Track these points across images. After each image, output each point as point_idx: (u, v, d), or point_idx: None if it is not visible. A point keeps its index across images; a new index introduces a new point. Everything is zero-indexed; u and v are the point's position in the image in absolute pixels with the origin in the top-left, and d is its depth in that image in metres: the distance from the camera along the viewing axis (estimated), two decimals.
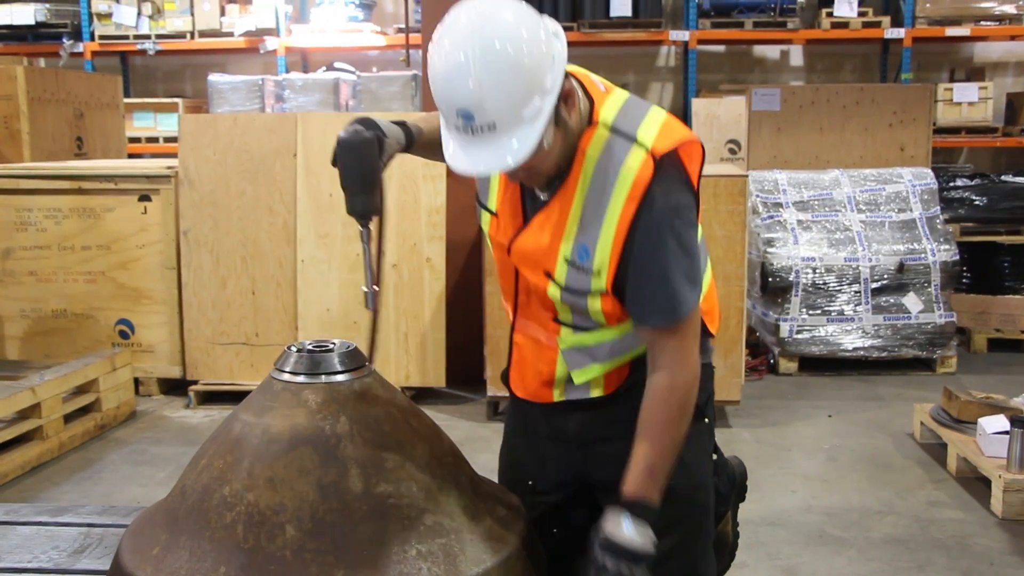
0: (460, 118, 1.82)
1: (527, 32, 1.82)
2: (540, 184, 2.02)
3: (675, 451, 2.00)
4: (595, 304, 2.04)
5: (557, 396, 2.23)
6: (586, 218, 1.97)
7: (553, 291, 2.07)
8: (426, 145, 2.15)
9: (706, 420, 2.25)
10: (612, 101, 2.02)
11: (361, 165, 2.01)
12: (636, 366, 2.13)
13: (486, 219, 2.19)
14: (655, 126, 1.98)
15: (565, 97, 1.89)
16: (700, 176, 2.04)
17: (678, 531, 2.17)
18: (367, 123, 2.03)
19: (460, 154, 1.88)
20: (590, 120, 1.99)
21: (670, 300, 1.96)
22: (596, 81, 2.08)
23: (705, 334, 2.21)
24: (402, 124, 2.10)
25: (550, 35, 1.87)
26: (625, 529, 1.91)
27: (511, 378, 2.34)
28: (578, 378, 2.17)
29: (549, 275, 2.06)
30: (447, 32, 1.84)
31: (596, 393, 2.19)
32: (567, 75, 1.92)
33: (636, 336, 2.08)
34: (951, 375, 6.27)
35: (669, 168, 1.94)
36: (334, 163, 2.02)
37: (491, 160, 1.84)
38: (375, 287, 2.08)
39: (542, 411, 2.30)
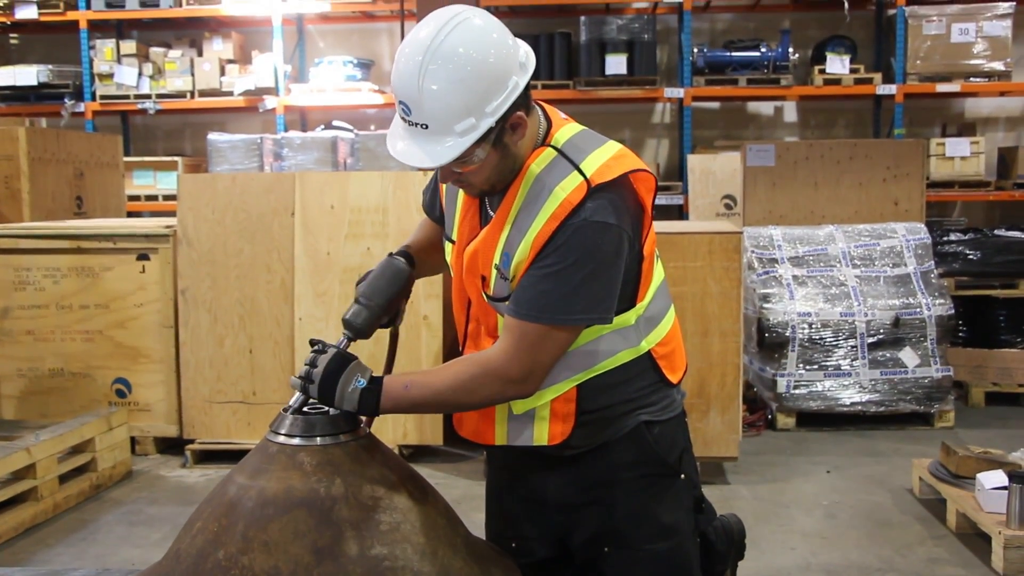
0: (401, 107, 1.93)
1: (489, 55, 1.89)
2: (473, 192, 2.10)
3: (436, 406, 2.10)
4: None
5: (499, 436, 2.20)
6: (515, 227, 2.02)
7: (485, 299, 2.12)
8: (423, 263, 2.37)
9: (682, 476, 2.22)
10: (568, 128, 2.10)
11: (389, 288, 2.20)
12: (582, 399, 2.11)
13: (448, 250, 2.24)
14: (601, 158, 2.02)
15: (514, 126, 1.96)
16: (652, 206, 2.09)
17: None
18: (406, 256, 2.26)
19: (395, 137, 1.98)
20: (544, 141, 2.06)
21: (545, 300, 1.97)
22: (560, 114, 2.16)
23: (666, 383, 2.20)
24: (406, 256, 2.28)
25: (515, 65, 1.93)
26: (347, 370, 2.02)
27: (455, 415, 2.32)
28: (517, 407, 2.14)
29: (484, 280, 2.10)
30: (422, 27, 1.91)
31: (540, 437, 2.14)
32: (527, 106, 1.99)
33: (574, 359, 2.08)
34: (949, 429, 6.26)
35: (602, 198, 1.96)
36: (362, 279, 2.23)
37: (415, 154, 1.93)
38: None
39: (519, 472, 2.28)
